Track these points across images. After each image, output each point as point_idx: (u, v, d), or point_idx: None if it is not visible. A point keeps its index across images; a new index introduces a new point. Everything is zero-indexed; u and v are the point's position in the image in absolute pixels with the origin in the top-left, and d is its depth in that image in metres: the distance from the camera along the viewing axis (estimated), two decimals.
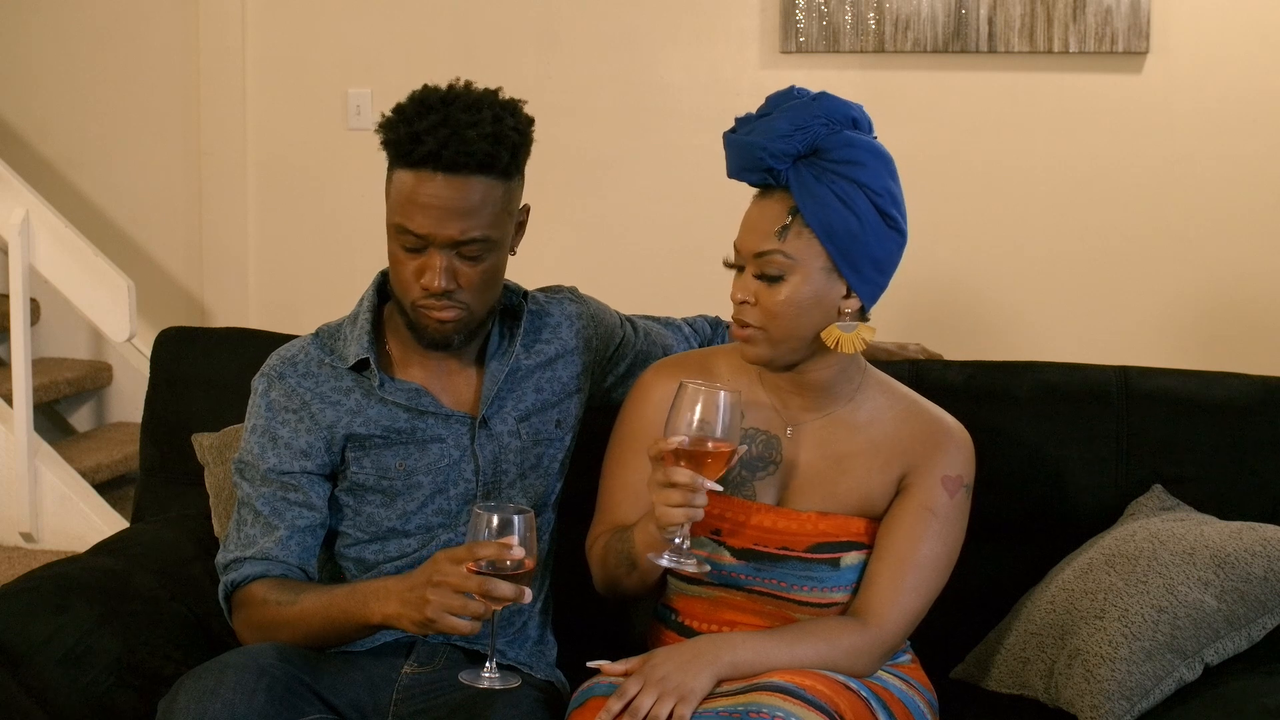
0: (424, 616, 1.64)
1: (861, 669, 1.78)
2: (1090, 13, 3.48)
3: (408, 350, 1.93)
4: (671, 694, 1.66)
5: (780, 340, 1.78)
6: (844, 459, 1.85)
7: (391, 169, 1.83)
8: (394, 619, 1.70)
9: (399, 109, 1.82)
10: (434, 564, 1.66)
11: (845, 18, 3.61)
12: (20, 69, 4.30)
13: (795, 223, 1.74)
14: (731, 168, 1.80)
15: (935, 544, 1.82)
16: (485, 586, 1.61)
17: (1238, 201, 3.51)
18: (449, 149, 1.77)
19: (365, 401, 1.90)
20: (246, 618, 1.85)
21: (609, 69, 3.84)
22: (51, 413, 4.34)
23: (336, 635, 1.80)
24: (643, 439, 1.89)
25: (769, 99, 1.81)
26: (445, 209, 1.78)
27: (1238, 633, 1.87)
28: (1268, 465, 2.09)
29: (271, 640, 1.79)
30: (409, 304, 1.85)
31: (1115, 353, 2.77)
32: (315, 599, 1.80)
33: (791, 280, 1.75)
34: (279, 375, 1.92)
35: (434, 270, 1.80)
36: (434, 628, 1.65)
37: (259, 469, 1.89)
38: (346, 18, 3.98)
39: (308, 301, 4.01)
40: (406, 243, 1.81)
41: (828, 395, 1.85)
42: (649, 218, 3.85)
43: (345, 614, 1.76)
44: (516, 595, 1.62)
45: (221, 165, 4.13)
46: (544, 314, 2.02)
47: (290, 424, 1.89)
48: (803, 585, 1.82)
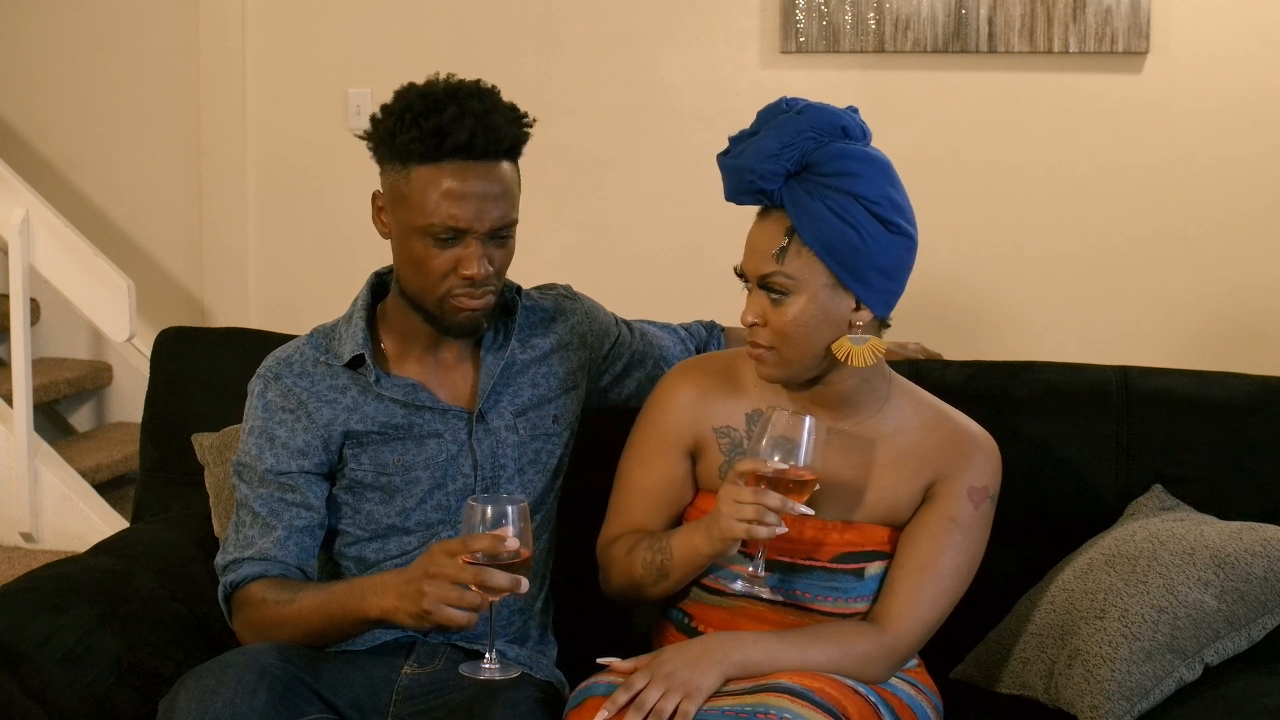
0: (420, 609, 1.64)
1: (871, 676, 1.77)
2: (1090, 13, 3.47)
3: (403, 347, 1.94)
4: (678, 689, 1.66)
5: (792, 359, 1.76)
6: (870, 469, 1.84)
7: (405, 169, 1.81)
8: (391, 613, 1.70)
9: (398, 110, 1.81)
10: (429, 557, 1.66)
11: (845, 18, 3.61)
12: (20, 69, 4.30)
13: (793, 243, 1.72)
14: (728, 192, 1.78)
15: (957, 555, 1.81)
16: (481, 577, 1.61)
17: (1238, 201, 3.51)
18: (480, 137, 1.78)
19: (362, 398, 1.90)
20: (246, 618, 1.85)
21: (609, 69, 3.84)
22: (51, 413, 4.34)
23: (335, 632, 1.80)
24: (665, 441, 1.89)
25: (759, 115, 1.78)
26: (484, 197, 1.80)
27: (1238, 633, 1.87)
28: (1268, 465, 2.09)
29: (271, 640, 1.79)
30: (436, 299, 1.84)
31: (1115, 353, 2.77)
32: (313, 597, 1.80)
33: (797, 300, 1.73)
34: (275, 376, 1.92)
35: (475, 259, 1.81)
36: (431, 620, 1.64)
37: (256, 470, 1.89)
38: (346, 18, 3.98)
39: (308, 301, 4.00)
40: (440, 236, 1.80)
41: (851, 406, 1.84)
42: (649, 218, 3.85)
43: (343, 610, 1.76)
44: (513, 586, 1.62)
45: (221, 165, 4.13)
46: (539, 309, 2.02)
47: (287, 424, 1.89)
48: (827, 595, 1.81)
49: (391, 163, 1.83)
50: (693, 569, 1.81)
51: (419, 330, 1.92)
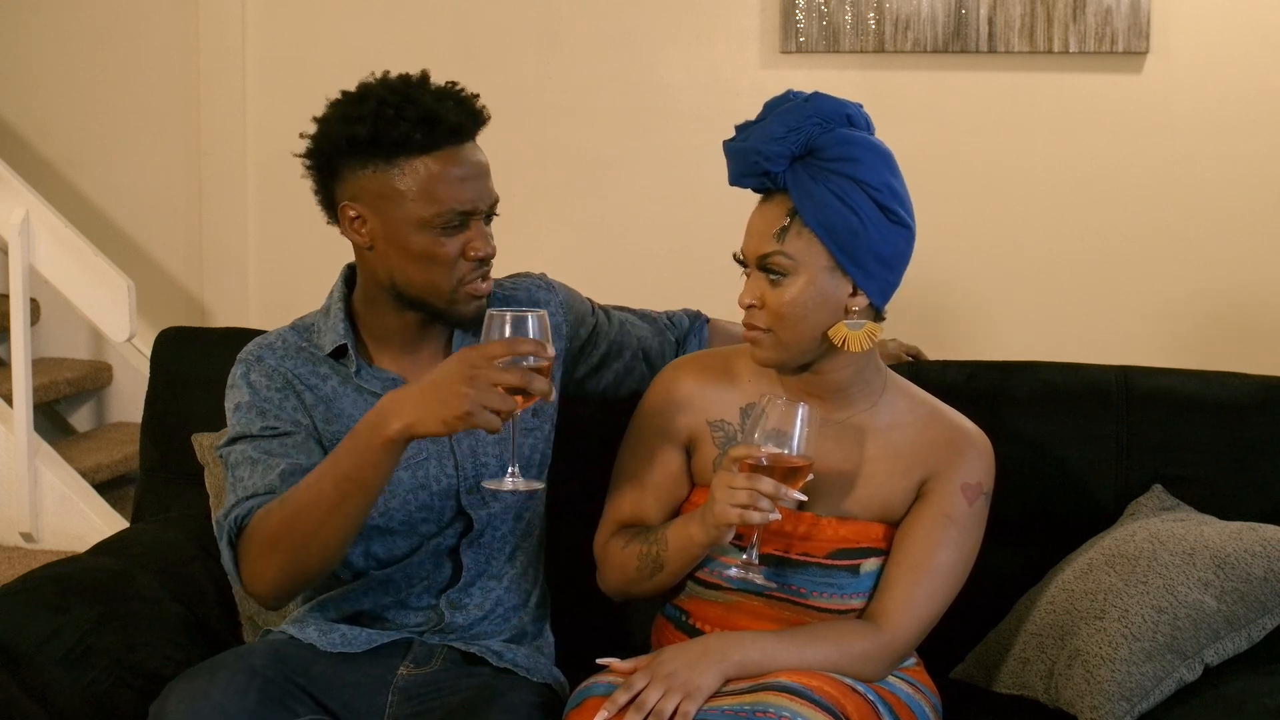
0: (462, 411, 1.58)
1: (870, 674, 1.78)
2: (1090, 13, 3.47)
3: (379, 344, 1.91)
4: (678, 690, 1.66)
5: (788, 342, 1.77)
6: (864, 464, 1.84)
7: (393, 163, 1.78)
8: (416, 424, 1.61)
9: (366, 114, 1.78)
10: (463, 361, 1.60)
11: (845, 18, 3.61)
12: (20, 69, 4.30)
13: (795, 223, 1.74)
14: (732, 175, 1.80)
15: (952, 552, 1.82)
16: (525, 380, 1.60)
17: (1238, 201, 3.51)
18: (467, 118, 1.80)
19: (342, 389, 1.87)
20: (257, 546, 1.71)
21: (609, 69, 3.84)
22: (51, 413, 4.34)
23: (359, 490, 1.66)
24: (661, 436, 1.89)
25: (765, 105, 1.81)
26: (481, 175, 1.82)
27: (1238, 633, 1.87)
28: (1268, 465, 2.09)
29: (293, 557, 1.68)
30: (449, 290, 1.82)
31: (1115, 353, 2.77)
32: (316, 472, 1.69)
33: (796, 281, 1.75)
34: (257, 359, 1.88)
35: (483, 236, 1.82)
36: (468, 422, 1.58)
37: (251, 432, 1.82)
38: (346, 18, 3.98)
39: (308, 301, 3.96)
40: (449, 224, 1.79)
41: (846, 398, 1.85)
42: (649, 218, 3.85)
43: (352, 453, 1.65)
44: (547, 390, 1.62)
45: (221, 165, 4.13)
46: (510, 300, 1.97)
47: (276, 400, 1.84)
48: (822, 591, 1.82)
49: (371, 163, 1.79)
50: (688, 560, 1.81)
51: (396, 331, 1.89)
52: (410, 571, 1.90)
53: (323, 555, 1.70)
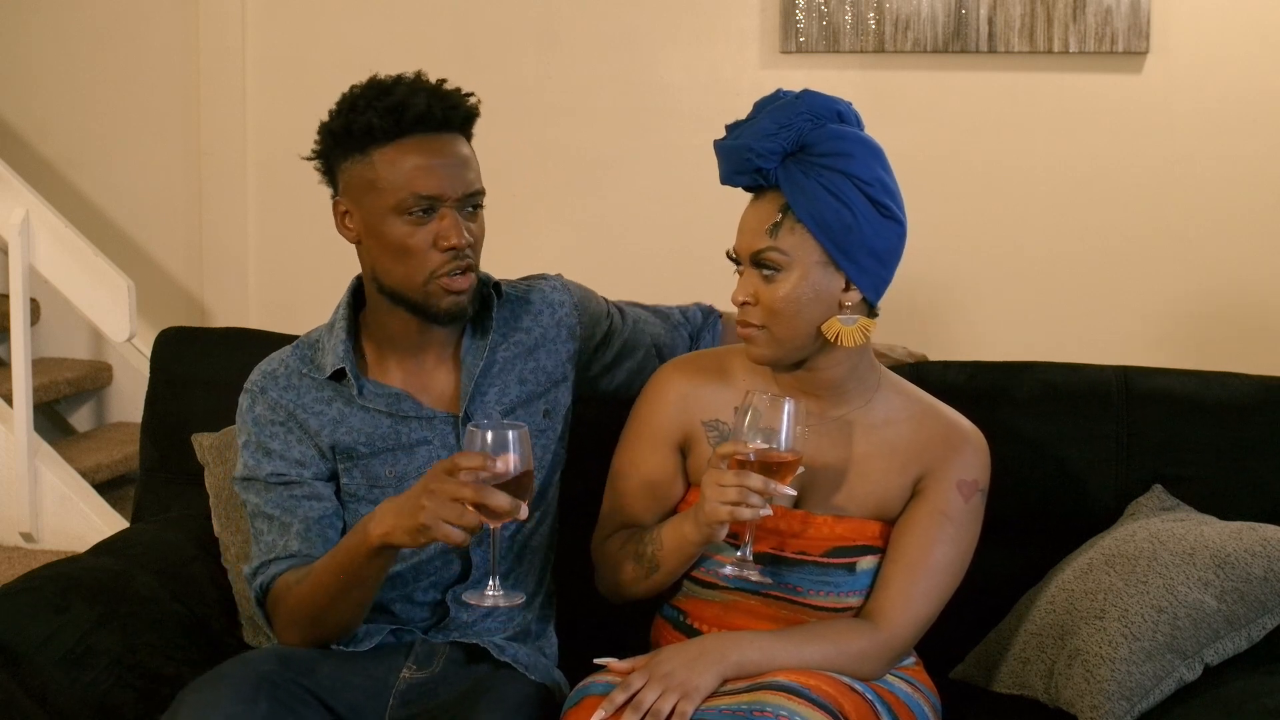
0: (418, 523, 1.61)
1: (868, 673, 1.78)
2: (1090, 13, 3.47)
3: (384, 353, 1.92)
4: (675, 690, 1.67)
5: (783, 338, 1.78)
6: (859, 461, 1.85)
7: (367, 155, 1.82)
8: (390, 533, 1.66)
9: (345, 108, 1.84)
10: (429, 474, 1.64)
11: (845, 18, 3.61)
12: (20, 69, 4.30)
13: (787, 219, 1.75)
14: (724, 174, 1.80)
15: (948, 549, 1.82)
16: (481, 496, 1.58)
17: (1238, 201, 3.51)
18: (436, 107, 1.81)
19: (347, 409, 1.89)
20: (280, 616, 1.83)
21: (609, 69, 3.84)
22: (51, 413, 4.34)
23: (357, 583, 1.74)
24: (656, 436, 1.89)
25: (755, 104, 1.82)
26: (451, 164, 1.82)
27: (1238, 633, 1.87)
28: (1268, 465, 2.09)
29: (310, 628, 1.79)
30: (422, 281, 1.83)
31: (1115, 353, 2.77)
32: (324, 559, 1.78)
33: (790, 276, 1.75)
34: (261, 390, 1.92)
35: (454, 226, 1.81)
36: (428, 535, 1.61)
37: (259, 477, 1.89)
38: (346, 18, 3.98)
39: (308, 301, 3.99)
40: (417, 210, 1.80)
41: (840, 394, 1.85)
42: (649, 218, 3.85)
43: (349, 552, 1.72)
44: (513, 509, 1.60)
45: (221, 165, 4.13)
46: (524, 301, 1.99)
47: (280, 436, 1.89)
48: (819, 590, 1.82)
49: (350, 156, 1.84)
50: (684, 559, 1.82)
51: (400, 334, 1.90)
52: (418, 567, 1.91)
53: (339, 626, 1.81)
